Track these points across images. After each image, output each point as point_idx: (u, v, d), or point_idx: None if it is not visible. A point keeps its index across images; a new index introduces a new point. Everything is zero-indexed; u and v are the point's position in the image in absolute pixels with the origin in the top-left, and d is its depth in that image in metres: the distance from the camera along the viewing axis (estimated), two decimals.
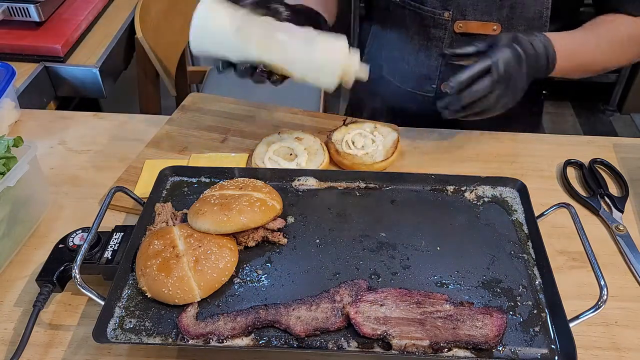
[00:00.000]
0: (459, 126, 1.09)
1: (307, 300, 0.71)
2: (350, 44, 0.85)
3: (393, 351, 0.66)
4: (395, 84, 1.19)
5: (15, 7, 1.37)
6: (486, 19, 1.03)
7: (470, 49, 0.91)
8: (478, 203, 0.87)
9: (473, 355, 0.66)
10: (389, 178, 0.90)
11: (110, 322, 0.69)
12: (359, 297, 0.70)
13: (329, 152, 0.99)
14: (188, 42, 0.85)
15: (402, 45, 1.13)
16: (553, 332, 0.69)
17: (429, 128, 1.10)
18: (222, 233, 0.77)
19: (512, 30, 1.03)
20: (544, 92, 1.21)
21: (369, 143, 1.00)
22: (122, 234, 0.79)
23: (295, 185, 0.90)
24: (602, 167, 1.00)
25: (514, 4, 1.00)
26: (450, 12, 1.03)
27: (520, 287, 0.74)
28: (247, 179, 0.86)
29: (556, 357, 0.66)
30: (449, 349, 0.66)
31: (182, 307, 0.71)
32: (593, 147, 1.05)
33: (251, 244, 0.78)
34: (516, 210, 0.85)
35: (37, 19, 1.38)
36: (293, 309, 0.70)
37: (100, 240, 0.78)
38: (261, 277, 0.75)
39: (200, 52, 0.85)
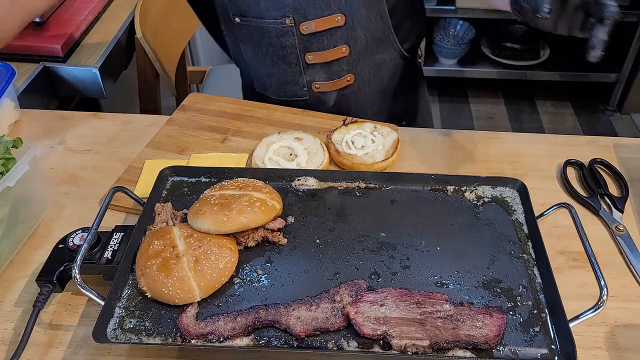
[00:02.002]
0: None
1: (307, 301, 0.71)
2: None
3: (393, 351, 0.66)
4: (271, 97, 1.20)
5: None
6: (327, 14, 1.03)
7: None
8: (478, 203, 0.87)
9: (473, 355, 0.66)
10: (389, 178, 0.90)
11: (110, 322, 0.69)
12: (359, 297, 0.70)
13: (329, 152, 0.99)
14: (188, 42, 0.85)
15: (261, 60, 1.14)
16: (553, 332, 0.69)
17: (429, 128, 1.10)
18: (222, 233, 0.77)
19: (355, 16, 1.03)
20: (403, 122, 1.22)
21: (369, 143, 1.00)
22: (122, 234, 0.79)
23: (295, 185, 0.90)
24: (602, 167, 1.00)
25: None
26: (291, 18, 1.03)
27: (520, 287, 0.74)
28: (247, 179, 0.86)
29: (556, 357, 0.66)
30: (449, 349, 0.66)
31: (182, 307, 0.71)
32: (593, 147, 1.05)
33: (251, 244, 0.78)
34: (516, 210, 0.85)
35: (37, 19, 1.38)
36: (293, 309, 0.70)
37: (100, 240, 0.78)
38: (261, 277, 0.75)
39: None
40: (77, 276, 0.70)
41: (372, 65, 1.14)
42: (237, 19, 1.07)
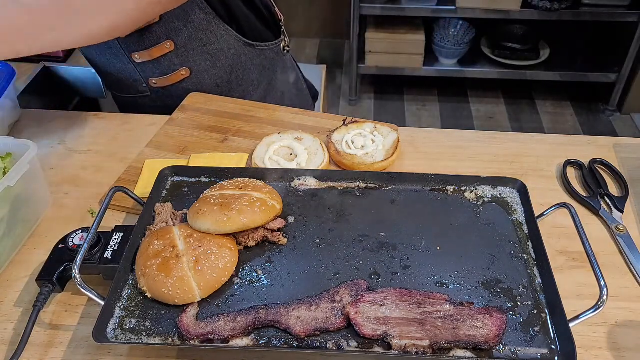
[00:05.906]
0: None
1: (307, 301, 0.71)
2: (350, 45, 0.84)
3: (393, 351, 0.66)
4: (120, 94, 1.24)
5: None
6: None
7: None
8: (478, 203, 0.87)
9: (473, 355, 0.66)
10: (389, 178, 0.90)
11: (110, 322, 0.69)
12: (359, 297, 0.70)
13: (329, 152, 0.99)
14: None
15: (99, 59, 1.17)
16: (553, 332, 0.69)
17: (429, 128, 1.10)
18: (222, 233, 0.77)
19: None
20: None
21: (369, 143, 1.00)
22: (122, 234, 0.79)
23: (295, 185, 0.90)
24: (602, 167, 1.00)
25: None
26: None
27: (520, 287, 0.74)
28: (247, 179, 0.86)
29: (556, 357, 0.66)
30: (449, 349, 0.66)
31: (182, 307, 0.71)
32: (593, 147, 1.05)
33: (251, 244, 0.78)
34: (516, 210, 0.85)
35: None
36: (293, 309, 0.70)
37: (100, 240, 0.78)
38: (261, 277, 0.75)
39: None
40: (77, 276, 0.70)
41: (207, 56, 1.12)
42: None
